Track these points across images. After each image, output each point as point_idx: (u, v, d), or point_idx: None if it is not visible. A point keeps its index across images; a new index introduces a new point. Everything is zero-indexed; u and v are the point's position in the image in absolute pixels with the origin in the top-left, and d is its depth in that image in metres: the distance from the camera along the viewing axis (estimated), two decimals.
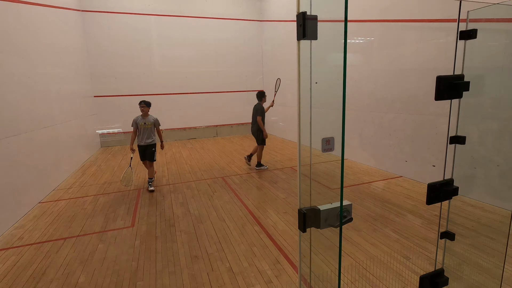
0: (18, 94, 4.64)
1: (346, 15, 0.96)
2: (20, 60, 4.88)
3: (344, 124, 1.13)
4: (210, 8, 10.80)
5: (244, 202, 4.58)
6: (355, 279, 2.62)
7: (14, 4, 4.91)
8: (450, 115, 1.57)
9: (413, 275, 2.63)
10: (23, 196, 4.49)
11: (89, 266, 3.01)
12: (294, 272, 2.78)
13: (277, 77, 8.01)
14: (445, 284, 1.68)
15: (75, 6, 8.63)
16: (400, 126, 5.44)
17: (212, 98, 11.37)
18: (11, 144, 4.25)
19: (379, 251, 3.06)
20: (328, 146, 1.22)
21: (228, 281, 2.68)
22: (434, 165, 4.81)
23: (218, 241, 3.40)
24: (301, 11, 1.08)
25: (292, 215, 4.02)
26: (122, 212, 4.38)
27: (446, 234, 1.66)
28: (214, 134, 11.62)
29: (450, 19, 4.33)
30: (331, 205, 1.21)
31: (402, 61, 5.30)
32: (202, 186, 5.46)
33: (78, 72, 8.39)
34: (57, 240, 3.60)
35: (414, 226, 3.54)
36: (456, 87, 1.43)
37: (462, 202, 4.03)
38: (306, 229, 1.23)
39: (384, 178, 5.42)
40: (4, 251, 3.40)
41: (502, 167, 2.26)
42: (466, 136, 1.55)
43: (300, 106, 1.25)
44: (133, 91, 10.23)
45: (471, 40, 1.49)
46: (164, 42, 10.39)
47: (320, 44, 1.12)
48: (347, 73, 1.04)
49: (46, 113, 5.70)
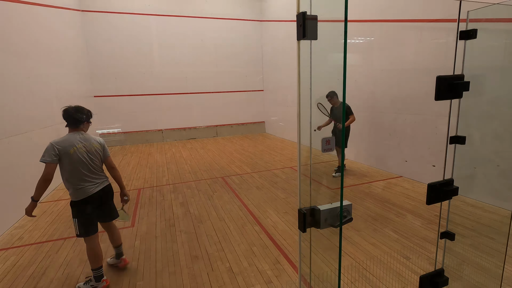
0: (18, 94, 4.64)
1: (346, 15, 0.96)
2: (20, 60, 4.88)
3: (344, 124, 1.13)
4: (210, 8, 10.81)
5: (244, 202, 4.58)
6: (355, 279, 2.62)
7: (14, 4, 4.91)
8: (450, 115, 1.57)
9: (413, 275, 2.63)
10: (23, 196, 4.47)
11: (89, 266, 3.00)
12: (294, 272, 2.78)
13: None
14: (445, 284, 1.68)
15: (75, 6, 8.64)
16: (400, 126, 5.44)
17: (212, 98, 11.37)
18: (11, 144, 4.24)
19: (379, 251, 3.06)
20: (328, 146, 1.22)
21: (228, 281, 2.68)
22: (434, 165, 4.81)
23: (218, 241, 3.40)
24: (301, 11, 1.08)
25: (292, 215, 4.02)
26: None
27: (446, 234, 1.66)
28: (214, 134, 11.62)
29: (450, 19, 4.33)
30: (331, 205, 1.21)
31: (402, 61, 5.30)
32: (202, 186, 5.45)
33: (78, 72, 8.39)
34: (57, 240, 3.60)
35: (414, 226, 3.54)
36: (456, 87, 1.43)
37: (462, 202, 4.03)
38: (306, 229, 1.23)
39: (384, 178, 5.42)
40: (4, 251, 3.40)
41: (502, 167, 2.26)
42: (466, 136, 1.55)
43: (300, 106, 1.25)
44: (133, 91, 10.24)
45: (471, 40, 1.49)
46: (164, 42, 10.39)
47: (320, 44, 1.12)
48: (347, 73, 1.04)
49: (46, 113, 5.70)
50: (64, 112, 2.60)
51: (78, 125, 2.64)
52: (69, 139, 2.54)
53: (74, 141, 2.55)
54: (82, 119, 2.65)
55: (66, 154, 2.49)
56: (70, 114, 2.59)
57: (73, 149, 2.52)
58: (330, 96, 5.19)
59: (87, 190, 2.59)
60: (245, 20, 11.38)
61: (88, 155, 2.61)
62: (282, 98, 10.54)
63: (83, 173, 2.57)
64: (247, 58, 11.67)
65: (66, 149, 2.49)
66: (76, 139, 2.58)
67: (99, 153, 2.71)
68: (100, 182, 2.70)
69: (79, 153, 2.54)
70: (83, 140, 2.61)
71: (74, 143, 2.54)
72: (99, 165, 2.72)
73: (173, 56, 10.59)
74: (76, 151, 2.53)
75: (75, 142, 2.55)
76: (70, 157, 2.50)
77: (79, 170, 2.55)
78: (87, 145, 2.61)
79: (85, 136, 2.66)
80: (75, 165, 2.53)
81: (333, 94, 5.05)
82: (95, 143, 2.69)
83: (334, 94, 5.05)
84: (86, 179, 2.59)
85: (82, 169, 2.57)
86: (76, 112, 2.60)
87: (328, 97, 5.28)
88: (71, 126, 2.63)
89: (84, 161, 2.58)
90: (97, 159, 2.68)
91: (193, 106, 11.15)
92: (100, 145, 2.75)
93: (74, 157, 2.51)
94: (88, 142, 2.64)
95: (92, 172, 2.64)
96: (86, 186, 2.59)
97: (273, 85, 11.26)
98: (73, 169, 2.53)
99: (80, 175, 2.56)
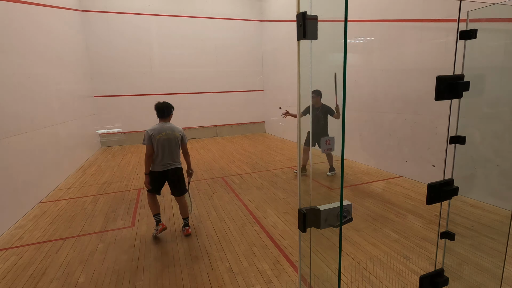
0: (18, 94, 4.64)
1: (346, 15, 0.97)
2: (20, 60, 4.88)
3: (344, 124, 1.13)
4: (210, 8, 10.80)
5: (244, 202, 4.58)
6: (355, 279, 2.62)
7: (14, 4, 4.91)
8: (450, 115, 1.57)
9: (413, 275, 2.63)
10: (23, 196, 4.49)
11: (89, 266, 3.01)
12: (294, 272, 2.78)
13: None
14: (445, 284, 1.68)
15: (75, 6, 8.63)
16: (400, 126, 5.44)
17: (212, 98, 11.37)
18: (11, 144, 4.25)
19: (379, 251, 3.06)
20: (328, 146, 1.22)
21: (228, 281, 2.68)
22: (434, 165, 4.81)
23: (218, 241, 3.40)
24: (301, 11, 1.08)
25: (292, 215, 4.02)
26: (122, 212, 4.38)
27: (446, 234, 1.66)
28: (214, 134, 11.62)
29: (450, 19, 4.33)
30: (331, 205, 1.21)
31: (402, 61, 5.30)
32: (202, 186, 5.45)
33: (78, 72, 8.39)
34: (57, 240, 3.60)
35: (414, 226, 3.54)
36: (456, 87, 1.43)
37: (462, 202, 4.03)
38: (306, 229, 1.23)
39: (384, 178, 5.42)
40: (4, 251, 3.40)
41: (502, 167, 2.26)
42: (466, 136, 1.55)
43: (300, 106, 1.25)
44: (133, 91, 10.23)
45: (471, 40, 1.49)
46: (164, 42, 10.39)
47: (320, 44, 1.12)
48: (347, 73, 1.04)
49: (46, 113, 5.70)
50: (156, 106, 3.47)
51: (166, 117, 3.50)
52: (158, 128, 3.39)
53: (162, 130, 3.38)
54: (170, 112, 3.53)
55: (155, 138, 3.33)
56: (160, 107, 3.45)
57: (160, 135, 3.35)
58: (316, 94, 5.18)
59: (163, 166, 3.40)
60: (245, 20, 11.38)
61: (169, 142, 3.39)
62: (282, 98, 10.53)
63: (164, 154, 3.38)
64: (247, 58, 11.66)
65: (156, 135, 3.34)
66: (163, 127, 3.40)
67: (178, 141, 3.48)
68: (173, 164, 3.46)
69: (163, 139, 3.36)
70: (169, 129, 3.42)
71: (161, 131, 3.37)
72: (177, 149, 3.49)
73: (173, 56, 10.58)
74: (162, 137, 3.36)
75: (162, 130, 3.38)
76: (157, 141, 3.34)
77: (162, 151, 3.36)
78: (169, 133, 3.40)
79: (170, 126, 3.46)
80: (160, 147, 3.35)
81: (318, 93, 5.10)
82: (177, 132, 3.47)
83: (320, 94, 5.13)
84: (164, 158, 3.39)
85: (164, 150, 3.37)
86: (165, 106, 3.47)
87: (313, 93, 5.25)
88: (161, 117, 3.48)
89: (166, 145, 3.37)
90: (176, 145, 3.46)
91: (193, 106, 11.15)
92: (180, 135, 3.51)
93: (160, 141, 3.34)
94: (172, 131, 3.43)
95: (171, 153, 3.42)
96: (163, 163, 3.40)
97: (273, 85, 11.26)
98: (158, 149, 3.35)
99: (162, 154, 3.37)
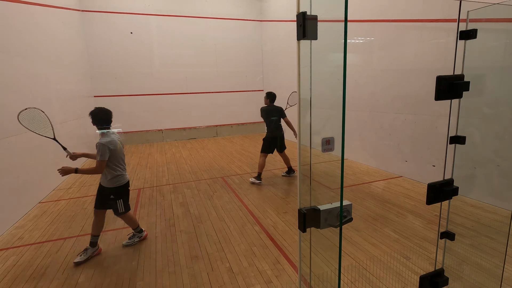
0: (18, 94, 4.64)
1: (346, 15, 0.97)
2: (20, 60, 4.88)
3: (344, 124, 1.12)
4: (210, 8, 10.81)
5: (244, 202, 4.58)
6: (355, 279, 2.62)
7: (14, 4, 4.91)
8: (450, 115, 1.57)
9: (413, 275, 2.63)
10: (23, 196, 4.49)
11: (89, 266, 3.01)
12: (294, 272, 2.78)
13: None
14: (445, 284, 1.68)
15: (75, 6, 8.63)
16: (400, 126, 5.44)
17: (212, 98, 11.37)
18: (11, 144, 4.24)
19: (379, 251, 3.06)
20: (328, 146, 1.22)
21: (228, 281, 2.68)
22: (434, 165, 4.81)
23: (218, 241, 3.40)
24: (301, 11, 1.08)
25: (292, 215, 4.02)
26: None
27: (446, 234, 1.66)
28: (214, 134, 11.62)
29: (450, 19, 4.33)
30: (331, 205, 1.21)
31: (402, 61, 5.30)
32: (202, 186, 5.45)
33: (78, 72, 8.39)
34: (57, 240, 3.60)
35: (414, 226, 3.54)
36: (456, 87, 1.43)
37: (462, 202, 4.03)
38: (306, 229, 1.23)
39: (384, 178, 5.42)
40: (4, 251, 3.40)
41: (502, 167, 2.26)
42: (466, 136, 1.55)
43: (300, 106, 1.25)
44: (133, 91, 10.23)
45: (471, 40, 1.49)
46: (164, 42, 10.39)
47: (320, 44, 1.12)
48: (347, 73, 1.04)
49: (46, 113, 5.69)
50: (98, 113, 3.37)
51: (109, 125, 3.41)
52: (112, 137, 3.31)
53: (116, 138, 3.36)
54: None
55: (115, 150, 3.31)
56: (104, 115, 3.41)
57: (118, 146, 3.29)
58: (267, 96, 5.52)
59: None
60: (245, 20, 11.38)
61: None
62: (282, 98, 10.53)
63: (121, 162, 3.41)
64: (247, 58, 11.66)
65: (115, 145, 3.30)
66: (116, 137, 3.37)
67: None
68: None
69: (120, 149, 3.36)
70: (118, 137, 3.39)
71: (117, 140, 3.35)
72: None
73: (173, 56, 10.59)
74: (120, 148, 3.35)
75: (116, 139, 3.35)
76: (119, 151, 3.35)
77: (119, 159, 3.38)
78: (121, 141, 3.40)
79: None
80: (121, 159, 3.38)
81: (268, 96, 5.48)
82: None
83: (270, 96, 5.49)
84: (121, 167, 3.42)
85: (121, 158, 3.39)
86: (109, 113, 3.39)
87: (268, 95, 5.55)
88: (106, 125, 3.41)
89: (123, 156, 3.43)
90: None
91: (193, 106, 11.15)
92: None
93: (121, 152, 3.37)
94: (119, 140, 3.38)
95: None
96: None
97: (273, 85, 11.25)
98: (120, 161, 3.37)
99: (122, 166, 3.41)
